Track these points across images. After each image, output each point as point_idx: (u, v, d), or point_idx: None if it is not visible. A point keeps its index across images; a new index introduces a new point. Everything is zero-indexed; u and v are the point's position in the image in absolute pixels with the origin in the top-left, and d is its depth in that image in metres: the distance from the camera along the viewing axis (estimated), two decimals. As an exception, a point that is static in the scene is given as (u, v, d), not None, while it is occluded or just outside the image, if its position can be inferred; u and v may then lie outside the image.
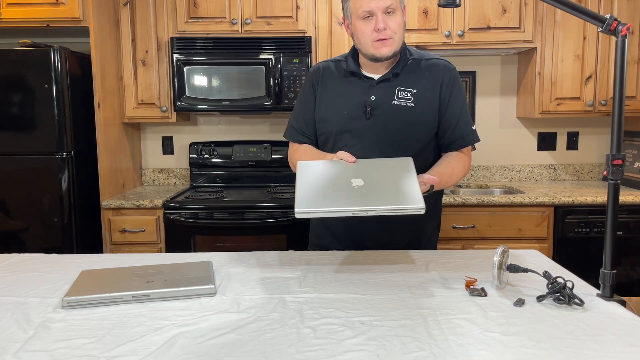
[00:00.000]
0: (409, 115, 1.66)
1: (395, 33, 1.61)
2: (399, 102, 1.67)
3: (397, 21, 1.61)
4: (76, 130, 2.78)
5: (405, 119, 1.66)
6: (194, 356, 0.99)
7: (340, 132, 1.70)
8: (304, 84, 1.83)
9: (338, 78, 1.75)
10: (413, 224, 1.74)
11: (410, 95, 1.67)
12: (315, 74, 1.79)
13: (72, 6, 2.75)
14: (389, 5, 1.58)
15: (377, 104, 1.67)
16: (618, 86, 1.25)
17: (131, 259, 1.63)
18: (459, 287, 1.34)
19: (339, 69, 1.76)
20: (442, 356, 0.97)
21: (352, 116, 1.68)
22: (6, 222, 2.73)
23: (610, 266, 1.27)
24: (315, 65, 1.83)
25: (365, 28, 1.61)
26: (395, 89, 1.68)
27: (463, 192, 3.26)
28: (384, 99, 1.67)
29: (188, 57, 2.93)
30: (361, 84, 1.71)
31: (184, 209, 2.78)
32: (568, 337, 1.05)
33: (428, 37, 2.94)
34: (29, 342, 1.06)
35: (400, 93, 1.68)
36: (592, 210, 2.76)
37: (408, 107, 1.67)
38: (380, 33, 1.59)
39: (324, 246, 1.81)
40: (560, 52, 2.97)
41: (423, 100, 1.67)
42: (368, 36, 1.62)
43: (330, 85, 1.75)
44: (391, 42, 1.61)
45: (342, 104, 1.71)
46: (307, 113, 1.78)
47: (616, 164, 1.25)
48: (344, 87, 1.72)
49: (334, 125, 1.71)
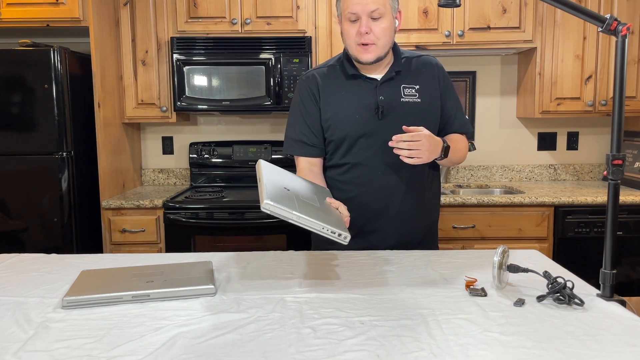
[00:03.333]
0: (417, 110, 1.70)
1: (379, 39, 1.60)
2: (406, 99, 1.69)
3: (383, 27, 1.60)
4: (76, 130, 2.78)
5: (415, 114, 1.68)
6: (194, 356, 0.99)
7: (355, 136, 1.69)
8: (298, 95, 1.78)
9: (339, 82, 1.73)
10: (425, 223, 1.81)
11: (415, 91, 1.70)
12: (312, 82, 1.75)
13: (72, 6, 2.75)
14: (375, 9, 1.57)
15: (387, 103, 1.68)
16: (618, 86, 1.25)
17: (131, 259, 1.63)
18: (459, 287, 1.34)
19: (335, 73, 1.75)
20: (442, 356, 0.97)
21: (365, 118, 1.68)
22: (6, 222, 2.73)
23: (610, 266, 1.27)
24: (305, 75, 1.80)
25: (350, 29, 1.62)
26: (400, 86, 1.70)
27: (463, 192, 3.26)
28: (392, 97, 1.69)
29: (188, 57, 2.93)
30: (366, 86, 1.70)
31: (184, 209, 2.78)
32: (568, 337, 1.05)
33: (428, 37, 2.94)
34: (29, 342, 1.06)
35: (406, 90, 1.70)
36: (592, 210, 2.76)
37: (415, 103, 1.70)
38: (363, 37, 1.59)
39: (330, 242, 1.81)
40: (560, 52, 2.97)
41: (427, 94, 1.72)
42: (352, 38, 1.62)
43: (334, 90, 1.73)
44: (373, 48, 1.61)
45: (351, 107, 1.70)
46: (312, 122, 1.74)
47: (616, 164, 1.25)
48: (349, 90, 1.71)
49: (347, 130, 1.69)
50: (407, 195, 1.73)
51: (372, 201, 1.73)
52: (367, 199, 1.72)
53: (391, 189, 1.72)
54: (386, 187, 1.71)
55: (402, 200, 1.73)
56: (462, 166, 3.39)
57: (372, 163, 1.70)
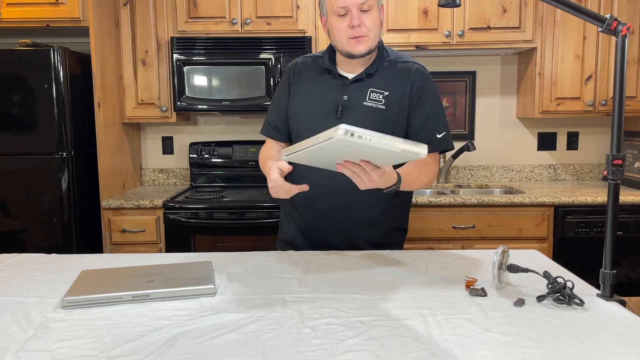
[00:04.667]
0: (379, 117, 1.64)
1: (371, 30, 1.59)
2: (370, 103, 1.65)
3: (373, 19, 1.59)
4: (76, 130, 2.78)
5: (375, 120, 1.63)
6: (194, 356, 0.99)
7: (312, 130, 1.67)
8: (281, 79, 1.83)
9: (313, 74, 1.74)
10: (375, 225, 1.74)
11: (382, 97, 1.65)
12: (292, 69, 1.78)
13: (72, 6, 2.75)
14: (364, 1, 1.56)
15: (348, 104, 1.65)
16: (618, 86, 1.25)
17: (131, 259, 1.62)
18: (459, 287, 1.34)
19: (315, 65, 1.75)
20: (442, 356, 0.97)
21: (324, 114, 1.67)
22: (6, 222, 2.73)
23: (610, 266, 1.27)
24: (294, 60, 1.82)
25: (340, 24, 1.60)
26: (368, 89, 1.66)
27: (463, 192, 3.26)
28: (356, 99, 1.66)
29: (188, 57, 2.93)
30: (335, 83, 1.69)
31: (184, 209, 2.78)
32: (568, 337, 1.05)
33: (428, 37, 2.94)
34: (29, 342, 1.06)
35: (373, 94, 1.66)
36: (592, 210, 2.76)
37: (379, 109, 1.64)
38: (355, 30, 1.57)
39: (289, 242, 1.82)
40: (560, 52, 2.97)
41: (394, 103, 1.65)
42: (343, 33, 1.60)
43: (305, 81, 1.74)
44: (366, 40, 1.60)
45: (314, 101, 1.70)
46: (281, 108, 1.78)
47: (616, 164, 1.25)
48: (319, 84, 1.71)
49: (305, 123, 1.70)
50: (352, 200, 1.68)
51: (319, 198, 1.71)
52: (316, 194, 1.69)
53: (337, 192, 1.68)
54: (331, 189, 1.68)
55: (346, 203, 1.69)
56: (462, 166, 3.39)
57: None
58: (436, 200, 2.77)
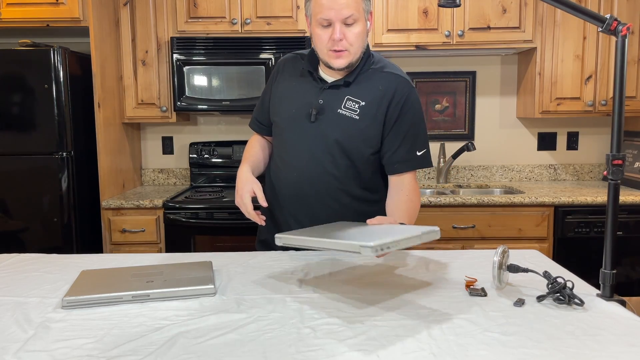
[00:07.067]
0: (352, 127, 1.60)
1: (352, 45, 1.55)
2: (344, 111, 1.61)
3: (356, 32, 1.54)
4: (76, 130, 2.78)
5: (347, 130, 1.60)
6: (194, 356, 0.99)
7: (287, 130, 1.69)
8: (271, 74, 1.83)
9: (295, 74, 1.72)
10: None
11: (357, 107, 1.61)
12: (278, 66, 1.78)
13: (72, 6, 2.75)
14: (349, 15, 1.51)
15: (323, 109, 1.62)
16: (618, 86, 1.25)
17: (131, 259, 1.63)
18: (459, 287, 1.34)
19: (299, 63, 1.73)
20: (442, 356, 0.97)
21: (299, 116, 1.65)
22: (6, 222, 2.73)
23: (610, 266, 1.27)
24: (285, 56, 1.81)
25: (322, 34, 1.55)
26: (344, 97, 1.62)
27: (463, 192, 3.26)
28: (331, 105, 1.62)
29: (188, 57, 2.93)
30: (314, 85, 1.66)
31: (184, 209, 2.78)
32: (568, 337, 1.05)
33: (428, 37, 2.94)
34: (29, 342, 1.06)
35: (348, 103, 1.61)
36: (592, 210, 2.76)
37: (352, 119, 1.60)
38: (336, 44, 1.53)
39: (266, 243, 1.80)
40: (560, 52, 2.97)
41: (369, 115, 1.60)
42: (324, 44, 1.56)
43: (287, 80, 1.72)
44: (346, 55, 1.55)
45: (291, 101, 1.69)
46: (264, 103, 1.79)
47: (616, 164, 1.25)
48: (298, 84, 1.69)
49: (283, 120, 1.70)
50: (317, 207, 1.68)
51: (287, 199, 1.72)
52: (287, 194, 1.71)
53: (305, 195, 1.67)
54: (300, 191, 1.68)
55: (314, 211, 1.68)
56: (462, 166, 3.39)
57: (296, 162, 1.67)
58: (436, 200, 2.77)
